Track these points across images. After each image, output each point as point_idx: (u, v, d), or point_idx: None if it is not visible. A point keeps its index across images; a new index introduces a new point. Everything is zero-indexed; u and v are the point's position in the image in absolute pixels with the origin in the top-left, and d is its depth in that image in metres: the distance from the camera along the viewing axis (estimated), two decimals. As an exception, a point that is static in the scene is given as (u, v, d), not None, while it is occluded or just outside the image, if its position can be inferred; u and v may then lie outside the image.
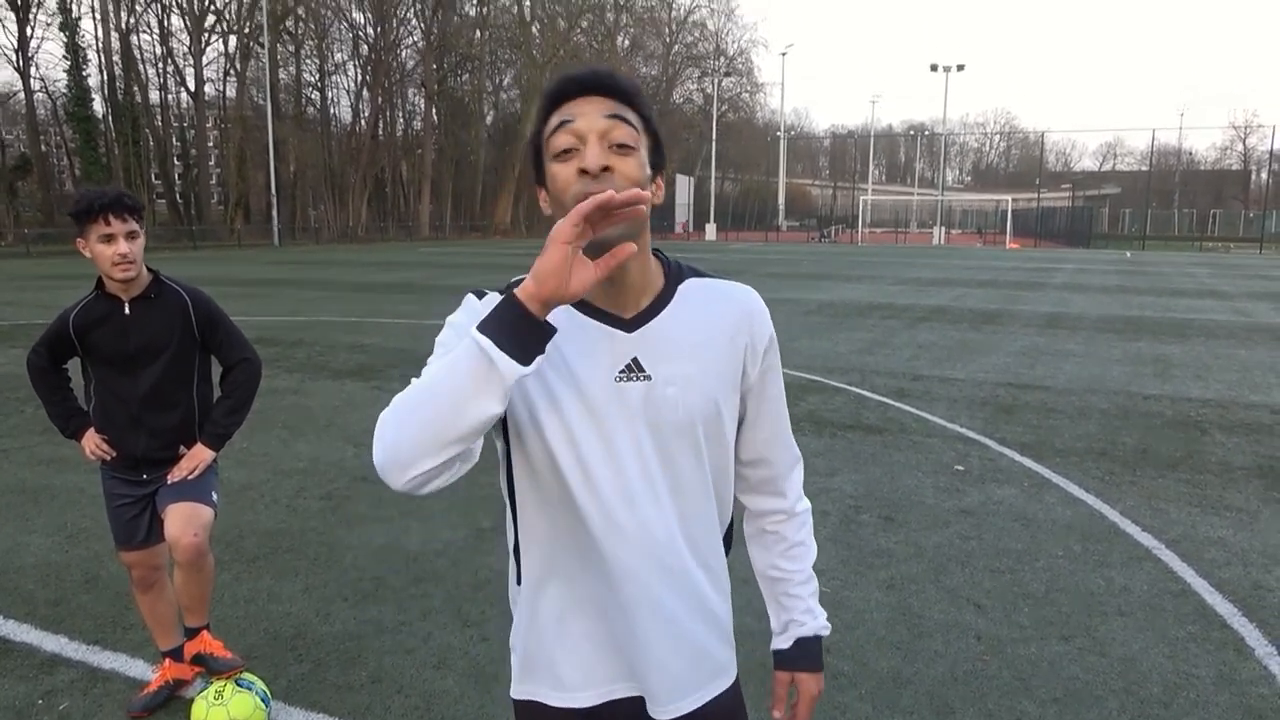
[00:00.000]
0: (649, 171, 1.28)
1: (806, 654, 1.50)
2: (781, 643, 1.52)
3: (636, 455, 1.30)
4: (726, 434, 1.39)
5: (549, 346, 1.13)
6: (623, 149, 1.23)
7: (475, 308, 1.31)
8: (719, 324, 1.34)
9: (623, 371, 1.29)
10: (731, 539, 1.51)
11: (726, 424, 1.38)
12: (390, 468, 1.16)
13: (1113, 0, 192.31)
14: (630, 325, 1.30)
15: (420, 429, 1.13)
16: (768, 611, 1.55)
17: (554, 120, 1.26)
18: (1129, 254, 41.67)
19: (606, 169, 1.21)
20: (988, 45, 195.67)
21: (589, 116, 1.23)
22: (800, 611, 1.51)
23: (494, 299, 1.30)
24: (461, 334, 1.18)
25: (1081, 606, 3.90)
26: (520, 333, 1.09)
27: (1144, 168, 69.82)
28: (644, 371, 1.30)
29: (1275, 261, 35.90)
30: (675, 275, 1.36)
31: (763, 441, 1.47)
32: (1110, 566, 4.35)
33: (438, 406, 1.12)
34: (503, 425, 1.36)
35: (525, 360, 1.10)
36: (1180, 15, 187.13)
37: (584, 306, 1.30)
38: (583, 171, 1.21)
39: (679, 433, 1.32)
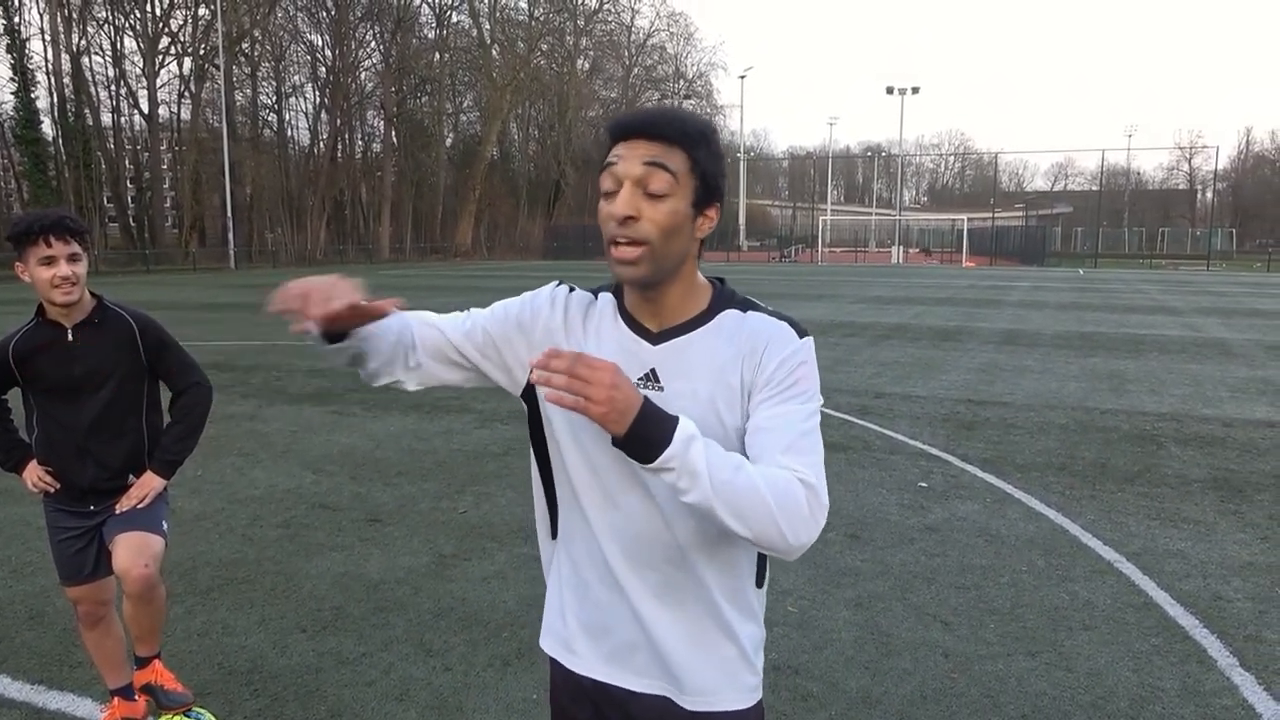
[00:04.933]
0: (690, 210, 1.36)
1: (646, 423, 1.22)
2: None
3: None
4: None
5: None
6: (655, 197, 1.33)
7: (542, 295, 1.51)
8: (738, 351, 1.39)
9: (641, 379, 1.40)
10: (764, 573, 1.52)
11: (736, 447, 1.36)
12: None
13: (1062, 25, 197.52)
14: (656, 339, 1.42)
15: None
16: None
17: (608, 158, 1.37)
18: (1082, 271, 42.51)
19: (631, 218, 1.32)
20: (942, 68, 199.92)
21: (628, 161, 1.34)
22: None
23: (578, 295, 1.51)
24: (509, 308, 1.51)
25: (1047, 622, 3.92)
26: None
27: (1094, 187, 71.50)
28: (659, 383, 1.40)
29: (1222, 278, 36.85)
30: (719, 303, 1.44)
31: (759, 445, 1.34)
32: (1073, 581, 4.37)
33: None
34: (532, 411, 1.52)
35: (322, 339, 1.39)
36: (1127, 39, 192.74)
37: (625, 316, 1.45)
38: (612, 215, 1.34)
39: None
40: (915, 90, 60.33)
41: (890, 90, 60.21)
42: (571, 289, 1.52)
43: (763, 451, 1.32)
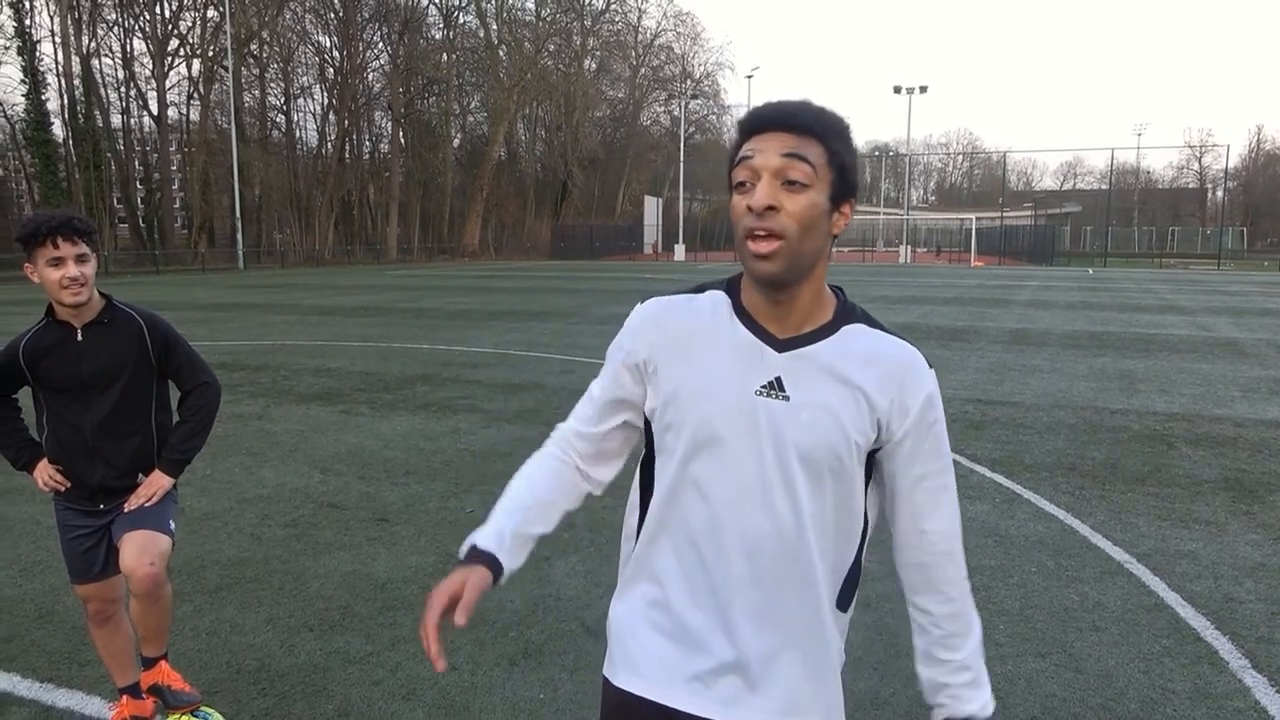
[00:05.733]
0: (827, 204, 1.34)
1: None
2: None
3: (756, 464, 1.35)
4: (852, 477, 1.39)
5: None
6: (794, 186, 1.30)
7: (634, 329, 1.47)
8: (870, 372, 1.37)
9: (764, 387, 1.36)
10: (853, 595, 1.50)
11: (855, 467, 1.39)
12: None
13: (1071, 23, 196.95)
14: (782, 346, 1.38)
15: None
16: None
17: (740, 153, 1.34)
18: (1091, 271, 42.36)
19: (771, 208, 1.29)
20: (950, 67, 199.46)
21: (765, 154, 1.31)
22: (946, 696, 1.45)
23: (670, 302, 1.46)
24: (613, 361, 1.47)
25: (1056, 623, 3.89)
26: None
27: (1104, 186, 71.16)
28: (784, 392, 1.36)
29: (1232, 277, 36.65)
30: (844, 315, 1.42)
31: (913, 518, 1.46)
32: (1083, 582, 4.35)
33: None
34: (648, 433, 1.48)
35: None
36: (1136, 36, 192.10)
37: (745, 318, 1.40)
38: (749, 208, 1.30)
39: (803, 458, 1.35)
40: (923, 89, 60.15)
41: (898, 89, 60.05)
42: (658, 300, 1.48)
43: (922, 519, 1.44)
